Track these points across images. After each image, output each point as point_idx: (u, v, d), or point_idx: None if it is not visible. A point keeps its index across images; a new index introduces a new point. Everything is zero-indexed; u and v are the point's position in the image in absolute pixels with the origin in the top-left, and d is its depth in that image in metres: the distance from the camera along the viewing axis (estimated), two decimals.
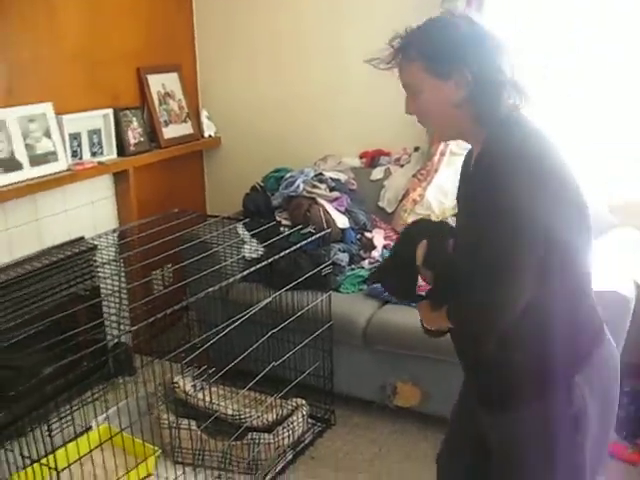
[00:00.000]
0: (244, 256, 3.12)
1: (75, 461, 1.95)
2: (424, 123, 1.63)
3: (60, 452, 1.90)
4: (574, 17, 3.20)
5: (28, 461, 1.93)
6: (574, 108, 3.31)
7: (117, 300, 3.08)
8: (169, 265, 3.50)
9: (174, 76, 3.86)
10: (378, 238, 3.43)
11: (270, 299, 2.80)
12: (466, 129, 1.55)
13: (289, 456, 2.85)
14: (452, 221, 3.37)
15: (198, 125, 3.99)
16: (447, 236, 1.66)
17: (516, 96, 1.50)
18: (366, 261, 3.34)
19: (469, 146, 1.64)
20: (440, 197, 3.42)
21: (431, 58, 1.49)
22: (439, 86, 1.50)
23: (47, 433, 1.81)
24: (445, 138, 1.62)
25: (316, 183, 3.47)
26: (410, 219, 3.30)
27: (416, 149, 3.67)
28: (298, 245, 2.91)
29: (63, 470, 1.88)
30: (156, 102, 3.69)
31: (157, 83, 3.73)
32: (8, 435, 2.38)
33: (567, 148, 1.52)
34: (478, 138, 1.54)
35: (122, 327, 3.08)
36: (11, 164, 2.91)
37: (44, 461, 1.85)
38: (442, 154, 3.47)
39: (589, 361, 1.51)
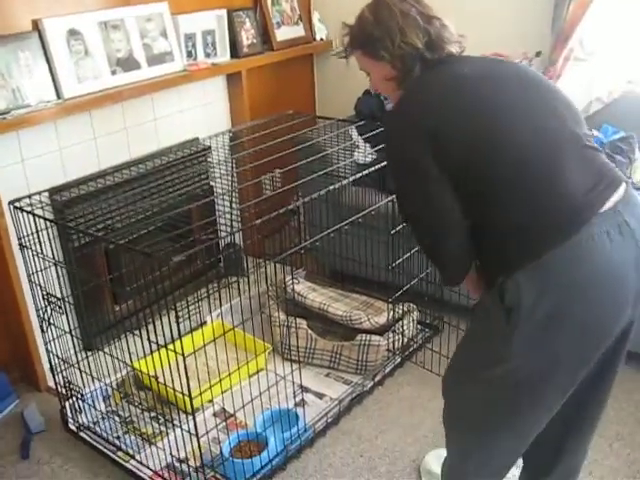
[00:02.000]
0: (356, 160, 3.09)
1: (199, 348, 2.03)
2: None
3: (184, 340, 1.98)
4: None
5: (155, 346, 2.01)
6: None
7: (229, 199, 3.14)
8: (279, 168, 3.52)
9: None
10: None
11: (382, 203, 2.77)
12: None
13: (397, 359, 2.89)
14: None
15: (310, 28, 3.92)
16: None
17: (434, 53, 1.68)
18: None
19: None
20: None
21: (363, 46, 1.75)
22: (378, 66, 1.75)
23: (175, 321, 1.88)
24: None
25: None
26: None
27: (537, 54, 3.47)
28: None
29: (189, 356, 1.96)
30: (269, 2, 3.63)
31: None
32: (134, 323, 2.49)
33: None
34: None
35: (234, 226, 3.15)
36: (130, 63, 2.94)
37: (170, 347, 1.93)
38: (566, 59, 3.27)
39: (536, 262, 1.48)
